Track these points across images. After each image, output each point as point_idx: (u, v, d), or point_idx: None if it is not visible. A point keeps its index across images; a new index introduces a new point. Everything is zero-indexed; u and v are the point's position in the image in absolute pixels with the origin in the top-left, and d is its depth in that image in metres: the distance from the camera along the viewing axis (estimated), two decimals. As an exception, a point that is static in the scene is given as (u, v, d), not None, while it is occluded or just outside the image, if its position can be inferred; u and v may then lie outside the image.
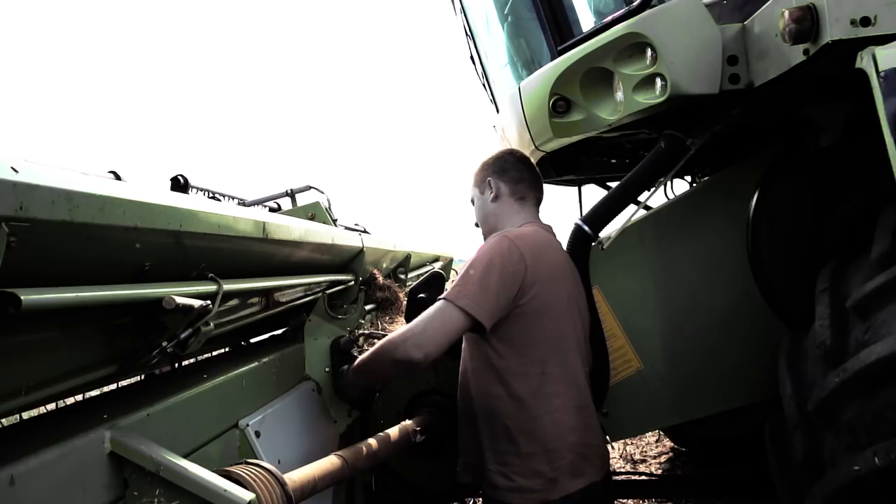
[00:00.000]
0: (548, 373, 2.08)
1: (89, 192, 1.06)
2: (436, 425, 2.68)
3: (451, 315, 2.03)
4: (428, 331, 2.04)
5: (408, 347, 2.03)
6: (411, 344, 2.03)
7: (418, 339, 2.03)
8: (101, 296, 1.13)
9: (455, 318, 2.02)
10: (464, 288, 2.06)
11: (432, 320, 2.05)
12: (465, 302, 2.01)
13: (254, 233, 1.80)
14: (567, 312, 2.15)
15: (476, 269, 2.07)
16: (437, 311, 2.07)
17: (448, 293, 2.07)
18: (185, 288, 1.43)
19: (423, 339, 2.03)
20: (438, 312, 2.06)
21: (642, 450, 5.93)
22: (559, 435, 2.06)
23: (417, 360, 2.01)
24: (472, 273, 2.08)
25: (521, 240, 2.11)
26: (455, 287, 2.09)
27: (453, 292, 2.07)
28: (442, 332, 2.04)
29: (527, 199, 2.31)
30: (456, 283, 2.11)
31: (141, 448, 1.28)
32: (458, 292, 2.05)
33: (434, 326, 2.04)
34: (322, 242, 2.49)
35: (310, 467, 1.80)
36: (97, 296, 1.12)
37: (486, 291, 2.02)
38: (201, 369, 1.94)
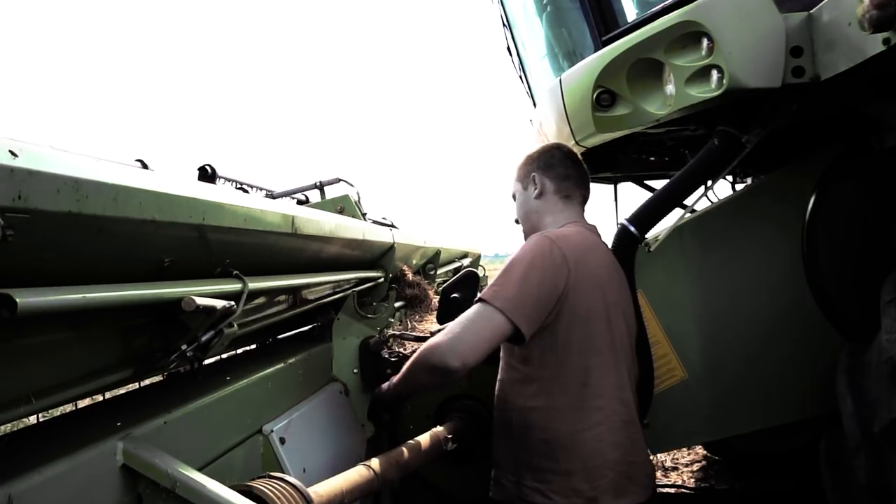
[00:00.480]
0: (590, 384, 1.94)
1: (100, 181, 0.95)
2: (467, 432, 2.55)
3: (491, 318, 1.88)
4: (465, 336, 1.89)
5: (443, 354, 1.87)
6: (447, 350, 1.87)
7: (455, 344, 1.87)
8: (112, 297, 1.02)
9: (494, 321, 1.87)
10: (501, 289, 1.91)
11: (470, 324, 1.90)
12: (503, 304, 1.87)
13: (282, 227, 1.68)
14: (612, 319, 2.00)
15: (515, 271, 1.93)
16: (474, 314, 1.92)
17: (484, 293, 1.93)
18: (207, 287, 1.32)
19: (461, 344, 1.87)
20: (476, 315, 1.91)
21: (674, 456, 5.75)
22: (601, 451, 1.92)
23: (455, 368, 1.85)
24: (510, 274, 1.93)
25: (563, 240, 1.96)
26: (492, 288, 1.94)
27: (489, 293, 1.92)
28: (480, 338, 1.88)
29: (572, 198, 2.17)
30: (493, 283, 1.96)
31: (156, 462, 1.17)
32: (494, 293, 1.91)
33: (472, 331, 1.89)
34: (352, 238, 2.37)
35: (337, 479, 1.68)
36: (107, 297, 1.01)
37: (524, 295, 1.88)
38: (223, 370, 1.83)
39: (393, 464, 1.94)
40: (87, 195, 0.92)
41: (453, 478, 2.75)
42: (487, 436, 2.68)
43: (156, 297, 1.14)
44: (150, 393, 1.55)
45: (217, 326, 1.34)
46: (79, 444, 1.12)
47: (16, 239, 0.80)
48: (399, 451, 2.02)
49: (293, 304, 2.17)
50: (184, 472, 1.18)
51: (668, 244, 2.59)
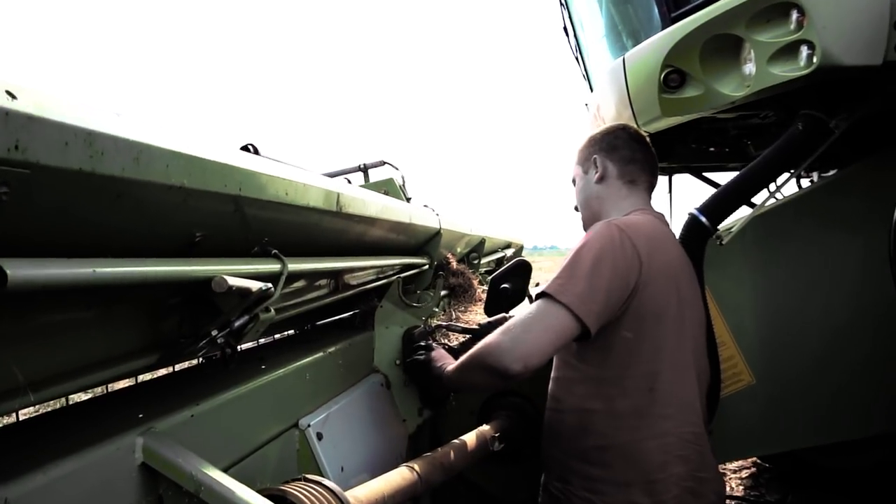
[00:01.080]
0: (657, 389, 1.75)
1: (119, 136, 0.81)
2: (515, 431, 2.39)
3: (557, 316, 1.68)
4: (528, 336, 1.69)
5: (503, 355, 1.68)
6: (507, 351, 1.68)
7: (516, 345, 1.68)
8: (129, 273, 0.87)
9: (561, 320, 1.68)
10: (568, 283, 1.71)
11: (533, 323, 1.71)
12: (571, 300, 1.67)
13: (326, 205, 1.54)
14: (685, 318, 1.81)
15: (583, 263, 1.73)
16: (537, 311, 1.72)
17: (549, 287, 1.73)
18: (242, 266, 1.18)
19: (523, 345, 1.68)
20: (540, 313, 1.72)
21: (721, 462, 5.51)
22: (666, 464, 1.74)
23: (515, 371, 1.66)
24: (577, 266, 1.73)
25: (632, 230, 1.78)
26: (556, 281, 1.74)
27: (555, 286, 1.72)
28: (545, 338, 1.69)
29: (637, 183, 1.98)
30: (557, 275, 1.75)
31: (179, 461, 1.03)
32: (560, 287, 1.71)
33: (536, 330, 1.70)
34: (399, 221, 2.22)
35: (378, 483, 1.54)
36: (123, 273, 0.86)
37: (594, 289, 1.69)
38: (258, 357, 1.70)
39: (437, 465, 1.79)
40: (103, 152, 0.77)
41: (497, 479, 2.59)
42: (536, 437, 2.53)
43: (182, 276, 0.99)
44: (176, 382, 1.42)
45: (252, 311, 1.20)
46: (92, 439, 0.99)
47: (11, 199, 0.66)
48: (444, 452, 1.88)
49: (334, 289, 2.03)
50: (210, 473, 1.04)
51: (742, 237, 2.38)
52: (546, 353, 1.70)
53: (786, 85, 2.13)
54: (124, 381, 1.35)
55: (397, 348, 2.29)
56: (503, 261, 5.94)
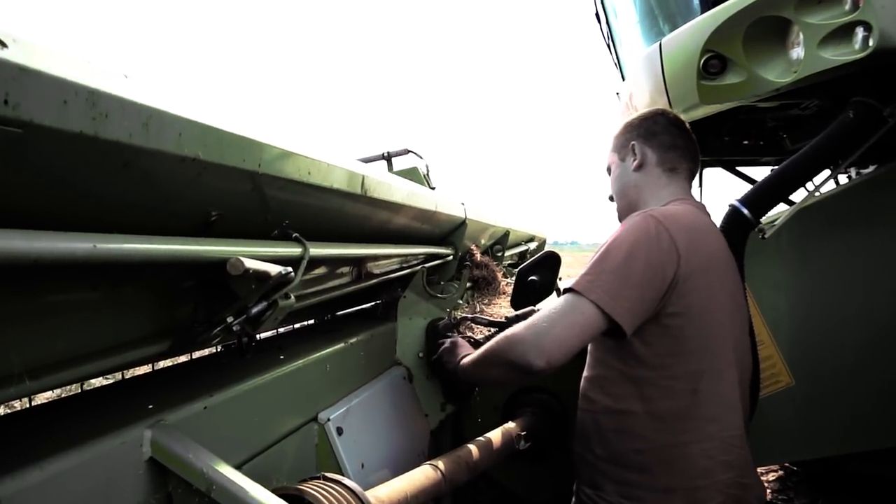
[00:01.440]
0: (701, 391, 1.65)
1: (126, 98, 0.73)
2: (540, 429, 2.30)
3: (584, 312, 1.59)
4: (553, 331, 1.59)
5: (527, 350, 1.59)
6: (530, 345, 1.59)
7: (540, 340, 1.59)
8: (133, 250, 0.79)
9: (588, 315, 1.59)
10: (597, 278, 1.62)
11: (558, 318, 1.61)
12: (599, 295, 1.58)
13: (350, 188, 1.45)
14: (728, 315, 1.71)
15: (614, 256, 1.63)
16: (563, 306, 1.63)
17: (577, 283, 1.64)
18: (261, 248, 1.10)
19: (547, 340, 1.59)
20: (566, 308, 1.62)
21: (747, 463, 5.37)
22: (710, 470, 1.63)
23: (538, 367, 1.57)
24: (608, 260, 1.64)
25: (671, 221, 1.66)
26: (586, 276, 1.64)
27: (584, 282, 1.63)
28: (570, 334, 1.59)
29: (677, 171, 1.87)
30: (587, 270, 1.66)
31: (189, 457, 0.96)
32: (589, 282, 1.62)
33: (561, 326, 1.60)
34: (425, 208, 2.13)
35: (400, 482, 1.46)
36: (127, 250, 0.78)
37: (626, 285, 1.59)
38: (277, 346, 1.62)
39: (462, 465, 1.71)
40: (107, 114, 0.69)
41: (521, 478, 2.50)
42: (562, 435, 2.43)
43: (194, 256, 0.91)
44: (189, 372, 1.34)
45: (271, 297, 1.12)
46: (96, 431, 0.91)
47: (1, 161, 0.58)
48: (469, 450, 1.79)
49: (357, 277, 1.96)
50: (222, 471, 0.96)
51: (786, 231, 2.26)
52: (571, 350, 1.60)
53: (837, 70, 2.01)
54: (133, 369, 1.28)
55: (420, 340, 2.21)
56: (526, 254, 5.84)
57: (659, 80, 2.77)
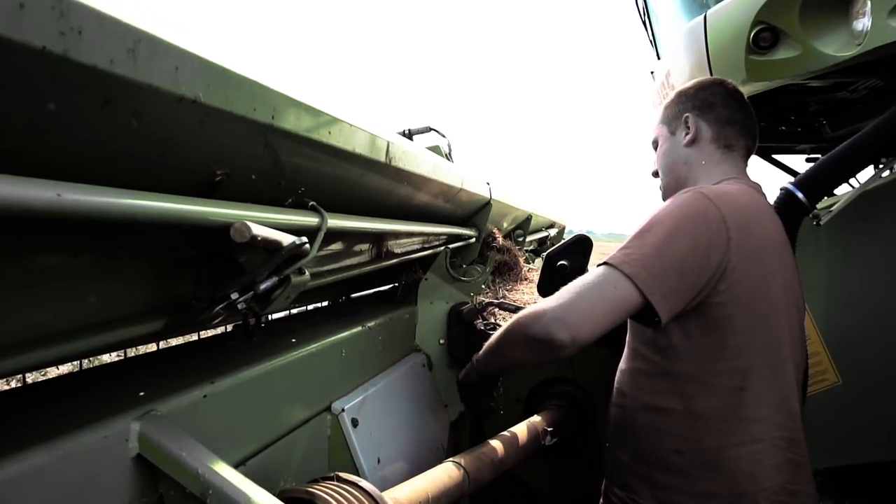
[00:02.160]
0: (749, 389, 1.48)
1: (107, 13, 0.58)
2: (566, 423, 2.16)
3: (616, 286, 1.42)
4: (581, 304, 1.43)
5: (550, 323, 1.41)
6: (554, 318, 1.41)
7: (566, 312, 1.41)
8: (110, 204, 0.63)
9: (621, 290, 1.42)
10: (635, 252, 1.45)
11: (588, 290, 1.44)
12: (636, 270, 1.41)
13: (374, 154, 1.30)
14: (782, 305, 1.54)
15: (656, 232, 1.47)
16: (595, 278, 1.46)
17: (613, 256, 1.47)
18: (272, 215, 0.95)
19: (573, 313, 1.41)
20: (597, 280, 1.45)
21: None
22: (756, 476, 1.47)
23: (562, 342, 1.40)
24: (649, 235, 1.47)
25: (724, 201, 1.49)
26: (623, 250, 1.48)
27: (619, 255, 1.46)
28: (600, 308, 1.42)
29: (734, 148, 1.69)
30: (624, 244, 1.50)
31: (183, 455, 0.82)
32: (625, 256, 1.45)
33: (589, 298, 1.43)
34: (450, 185, 1.98)
35: (421, 481, 1.32)
36: (100, 203, 0.62)
37: (666, 264, 1.42)
38: (288, 329, 1.49)
39: (486, 462, 1.57)
40: (81, 30, 0.55)
41: (543, 474, 2.36)
42: (588, 430, 2.29)
43: (191, 217, 0.76)
44: (187, 356, 1.19)
45: (282, 272, 0.98)
46: (74, 423, 0.77)
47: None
48: (493, 447, 1.65)
49: (376, 256, 1.81)
50: (221, 472, 0.82)
51: (844, 217, 2.08)
52: (599, 327, 1.42)
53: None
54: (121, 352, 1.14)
55: (442, 326, 2.07)
56: (546, 240, 5.69)
57: (702, 55, 2.60)
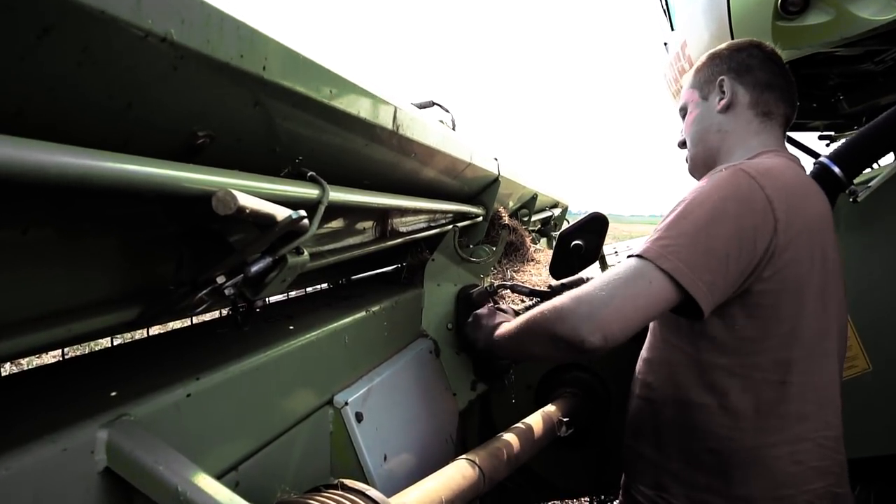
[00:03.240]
0: (791, 383, 1.35)
1: None
2: (580, 412, 2.04)
3: (652, 282, 1.28)
4: (613, 302, 1.28)
5: (579, 323, 1.28)
6: (584, 318, 1.28)
7: (597, 312, 1.27)
8: (55, 164, 0.49)
9: (657, 287, 1.28)
10: (673, 242, 1.30)
11: (621, 286, 1.30)
12: (674, 264, 1.27)
13: (380, 119, 1.16)
14: (829, 292, 1.41)
15: (696, 218, 1.32)
16: (628, 273, 1.32)
17: (647, 248, 1.32)
18: (265, 184, 0.82)
19: (606, 313, 1.27)
20: (630, 276, 1.31)
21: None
22: (798, 478, 1.36)
23: (592, 345, 1.26)
24: (687, 221, 1.32)
25: (767, 178, 1.34)
26: (658, 240, 1.33)
27: (655, 247, 1.31)
28: (634, 308, 1.29)
29: (772, 116, 1.54)
30: (660, 232, 1.35)
31: (160, 469, 0.68)
32: (662, 247, 1.30)
33: (624, 297, 1.29)
34: (459, 158, 1.84)
35: (434, 483, 1.19)
36: (40, 161, 0.48)
37: (709, 254, 1.28)
38: (285, 314, 1.35)
39: (502, 458, 1.45)
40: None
41: (555, 465, 2.24)
42: (603, 420, 2.17)
43: (166, 183, 0.62)
44: (167, 349, 1.05)
45: (277, 251, 0.84)
46: (27, 432, 0.64)
47: None
48: (508, 441, 1.53)
49: (381, 235, 1.68)
50: (204, 487, 0.69)
51: (884, 193, 1.94)
52: (632, 327, 1.30)
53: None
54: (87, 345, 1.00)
55: (449, 310, 1.94)
56: (550, 220, 5.56)
57: (723, 22, 2.45)
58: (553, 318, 1.34)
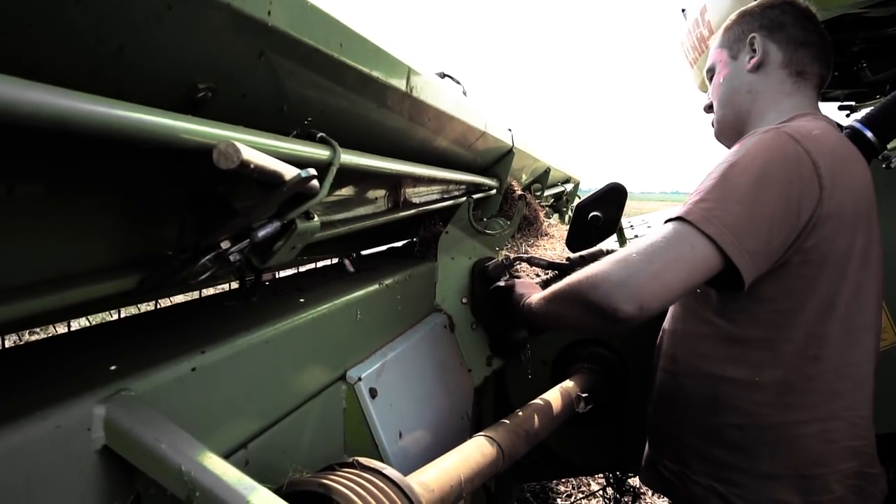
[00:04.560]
0: (826, 358, 1.29)
1: None
2: (598, 387, 1.99)
3: (694, 247, 1.19)
4: (651, 268, 1.18)
5: (613, 290, 1.18)
6: (619, 285, 1.18)
7: (633, 279, 1.18)
8: (28, 102, 0.44)
9: (700, 254, 1.19)
10: (717, 206, 1.21)
11: (660, 252, 1.20)
12: (718, 230, 1.19)
13: (393, 79, 1.10)
14: (869, 264, 1.34)
15: (740, 181, 1.23)
16: (669, 237, 1.22)
17: (689, 211, 1.24)
18: (272, 140, 0.76)
19: (642, 280, 1.17)
20: (671, 240, 1.21)
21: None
22: (829, 457, 1.30)
23: (626, 314, 1.17)
24: (731, 184, 1.23)
25: (811, 142, 1.26)
26: (700, 203, 1.23)
27: (698, 210, 1.21)
28: (674, 275, 1.18)
29: (806, 77, 1.45)
30: (701, 194, 1.26)
31: (162, 448, 0.63)
32: (705, 211, 1.21)
33: (663, 262, 1.19)
34: (473, 126, 1.77)
35: (451, 460, 1.14)
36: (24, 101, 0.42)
37: (754, 220, 1.20)
38: (295, 288, 1.30)
39: (521, 435, 1.40)
40: None
41: (572, 441, 2.20)
42: (622, 396, 2.12)
43: (163, 133, 0.56)
44: (171, 321, 1.00)
45: (286, 215, 0.78)
46: (18, 407, 0.59)
47: None
48: (526, 417, 1.48)
49: (393, 205, 1.62)
50: (210, 466, 0.64)
51: (917, 159, 1.86)
52: (671, 296, 1.21)
53: None
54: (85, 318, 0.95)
55: (464, 284, 1.88)
56: (562, 196, 5.47)
57: (747, -16, 2.35)
58: (587, 285, 1.25)
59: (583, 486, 3.93)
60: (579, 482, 3.98)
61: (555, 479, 3.71)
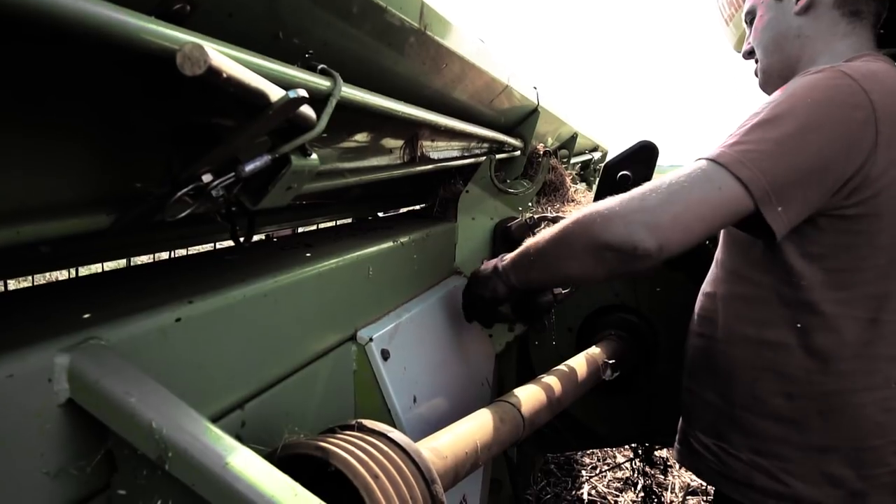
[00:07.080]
0: (884, 321, 1.18)
1: None
2: (625, 355, 1.89)
3: (722, 188, 1.08)
4: (674, 205, 1.08)
5: (630, 225, 1.07)
6: (638, 219, 1.07)
7: (654, 214, 1.07)
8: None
9: (728, 194, 1.08)
10: (754, 148, 1.09)
11: (685, 188, 1.09)
12: (752, 174, 1.07)
13: (404, 12, 1.00)
14: None
15: (784, 121, 1.10)
16: (694, 174, 1.10)
17: (721, 152, 1.11)
18: (261, 60, 0.67)
19: (664, 215, 1.07)
20: (697, 178, 1.10)
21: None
22: (886, 427, 1.20)
23: (647, 250, 1.06)
24: (773, 124, 1.10)
25: (872, 82, 1.13)
26: (736, 144, 1.11)
27: (730, 151, 1.10)
28: (698, 213, 1.07)
29: (861, 16, 1.30)
30: (737, 136, 1.13)
31: (130, 402, 0.56)
32: (740, 152, 1.09)
33: (688, 200, 1.08)
34: (495, 77, 1.67)
35: (467, 427, 1.06)
36: None
37: (793, 169, 1.09)
38: (304, 243, 1.22)
39: (544, 401, 1.31)
40: None
41: (598, 411, 2.11)
42: (650, 364, 2.02)
43: (124, 34, 0.47)
44: (165, 271, 0.92)
45: (278, 149, 0.70)
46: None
47: None
48: (549, 384, 1.39)
49: (409, 160, 1.52)
50: (185, 424, 0.56)
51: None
52: (693, 235, 1.09)
53: None
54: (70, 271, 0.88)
55: (485, 245, 1.80)
56: (590, 164, 5.33)
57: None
58: (598, 221, 1.13)
59: (608, 459, 3.85)
60: (605, 454, 3.90)
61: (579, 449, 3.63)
